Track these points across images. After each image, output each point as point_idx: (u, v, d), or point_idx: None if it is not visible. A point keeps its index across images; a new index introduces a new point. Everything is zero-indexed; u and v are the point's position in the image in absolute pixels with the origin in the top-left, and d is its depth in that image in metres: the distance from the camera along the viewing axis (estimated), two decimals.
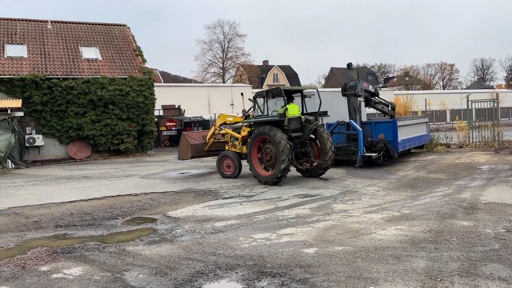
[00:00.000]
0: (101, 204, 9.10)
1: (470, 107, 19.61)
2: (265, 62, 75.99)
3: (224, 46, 64.09)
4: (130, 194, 10.16)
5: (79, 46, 23.82)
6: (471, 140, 19.14)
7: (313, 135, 11.34)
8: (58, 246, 5.93)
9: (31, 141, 20.13)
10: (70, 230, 6.92)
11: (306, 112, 11.80)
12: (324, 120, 14.79)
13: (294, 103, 11.64)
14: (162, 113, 31.23)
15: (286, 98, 10.89)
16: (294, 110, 11.15)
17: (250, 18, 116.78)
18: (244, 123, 12.00)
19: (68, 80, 21.26)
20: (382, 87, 68.22)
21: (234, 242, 5.74)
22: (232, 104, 39.68)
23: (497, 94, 21.97)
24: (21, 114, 18.45)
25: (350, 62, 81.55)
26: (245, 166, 12.33)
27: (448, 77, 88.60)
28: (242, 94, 13.78)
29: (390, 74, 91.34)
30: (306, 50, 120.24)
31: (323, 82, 78.31)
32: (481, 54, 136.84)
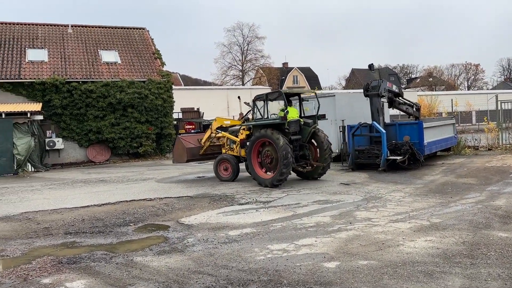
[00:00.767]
0: (114, 209, 8.85)
1: (499, 108, 18.66)
2: (284, 64, 75.51)
3: (243, 48, 64.07)
4: (144, 199, 9.89)
5: (99, 50, 23.93)
6: (501, 142, 18.18)
7: (311, 138, 11.42)
8: (64, 256, 5.64)
9: (51, 144, 20.24)
10: (79, 237, 6.65)
11: (303, 115, 11.81)
12: (345, 122, 14.29)
13: (293, 107, 11.63)
14: (181, 116, 31.16)
15: (284, 101, 10.94)
16: (293, 113, 11.16)
17: (270, 20, 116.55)
18: (242, 126, 11.94)
19: (87, 83, 21.34)
20: (405, 88, 66.72)
21: (248, 254, 5.33)
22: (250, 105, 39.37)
23: None
24: (40, 117, 18.54)
25: (372, 63, 79.64)
26: (242, 170, 12.27)
27: (473, 77, 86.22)
28: (239, 97, 13.55)
29: (413, 75, 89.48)
30: (326, 51, 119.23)
31: (344, 83, 77.26)
32: (507, 54, 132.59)
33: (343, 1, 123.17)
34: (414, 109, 15.90)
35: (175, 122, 25.33)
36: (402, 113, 26.59)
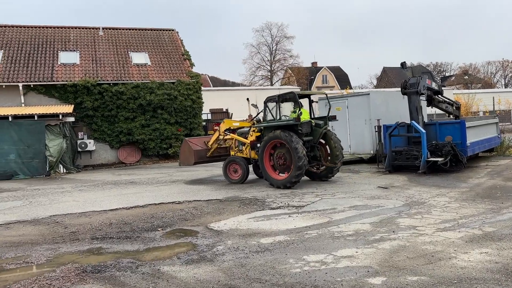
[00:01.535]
0: (142, 213, 8.61)
1: None
2: (313, 63, 74.58)
3: (272, 48, 63.60)
4: (173, 202, 9.62)
5: (129, 52, 24.09)
6: None
7: (322, 139, 11.43)
8: (89, 264, 5.37)
9: (83, 146, 20.47)
10: (106, 243, 6.40)
11: (313, 116, 11.78)
12: (381, 121, 13.63)
13: (304, 108, 11.43)
14: (210, 117, 31.11)
15: (297, 102, 10.98)
16: (305, 115, 11.18)
17: (299, 19, 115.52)
18: (252, 128, 11.88)
19: (118, 85, 21.47)
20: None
21: (283, 265, 4.89)
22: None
23: None
24: (72, 119, 18.75)
25: (404, 61, 77.45)
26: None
27: (510, 75, 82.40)
28: (248, 99, 13.36)
29: (447, 73, 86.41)
30: (356, 50, 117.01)
31: (375, 82, 75.47)
32: None
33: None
34: (454, 107, 15.02)
35: (204, 123, 25.22)
36: (437, 112, 25.51)
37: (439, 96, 13.98)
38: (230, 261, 5.19)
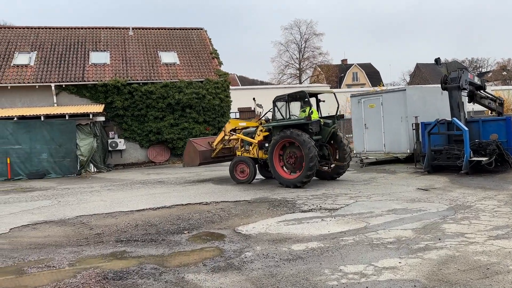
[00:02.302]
0: (169, 214, 8.34)
1: None
2: (343, 60, 73.21)
3: (300, 46, 62.73)
4: (200, 203, 9.32)
5: (158, 51, 24.13)
6: None
7: (331, 139, 11.41)
8: (112, 269, 5.10)
9: (114, 145, 20.62)
10: (130, 246, 6.13)
11: (321, 115, 11.72)
12: (419, 119, 12.90)
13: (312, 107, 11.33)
14: (238, 115, 30.92)
15: (308, 101, 11.03)
16: (314, 114, 11.11)
17: (328, 16, 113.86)
18: (259, 128, 11.83)
19: (147, 84, 21.52)
20: None
21: (317, 277, 4.44)
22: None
23: None
24: (102, 119, 18.87)
25: (438, 57, 75.23)
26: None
27: None
28: (254, 99, 13.14)
29: (483, 69, 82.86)
30: (387, 46, 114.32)
31: (408, 79, 73.31)
32: None
33: None
34: (497, 103, 14.06)
35: None
36: (474, 109, 24.20)
37: (482, 91, 13.11)
38: (259, 269, 4.78)
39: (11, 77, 20.20)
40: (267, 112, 12.09)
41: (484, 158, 10.76)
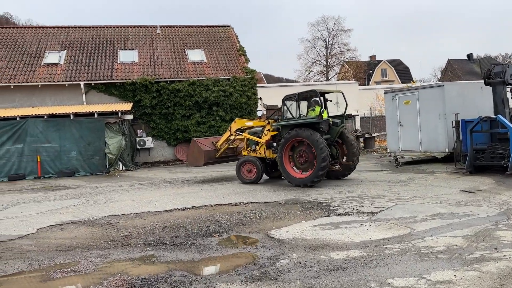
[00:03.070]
0: (198, 215, 8.06)
1: None
2: (372, 57, 71.68)
3: (328, 43, 61.72)
4: (229, 204, 9.01)
5: (186, 49, 24.04)
6: None
7: (339, 138, 11.38)
8: (139, 276, 4.82)
9: (142, 143, 20.64)
10: (159, 250, 5.85)
11: (328, 115, 11.49)
12: (459, 116, 12.18)
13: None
14: (265, 113, 30.52)
15: (318, 100, 11.04)
16: (324, 113, 11.03)
17: (356, 12, 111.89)
18: (266, 127, 11.70)
19: (175, 83, 21.46)
20: None
21: None
22: (337, 102, 37.45)
23: None
24: (130, 117, 18.89)
25: (471, 53, 72.58)
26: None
27: None
28: (260, 98, 12.88)
29: None
30: (417, 42, 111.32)
31: (439, 75, 71.02)
32: None
33: None
34: None
35: None
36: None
37: None
38: (297, 280, 4.39)
39: (42, 76, 20.50)
40: (274, 112, 11.93)
41: None
